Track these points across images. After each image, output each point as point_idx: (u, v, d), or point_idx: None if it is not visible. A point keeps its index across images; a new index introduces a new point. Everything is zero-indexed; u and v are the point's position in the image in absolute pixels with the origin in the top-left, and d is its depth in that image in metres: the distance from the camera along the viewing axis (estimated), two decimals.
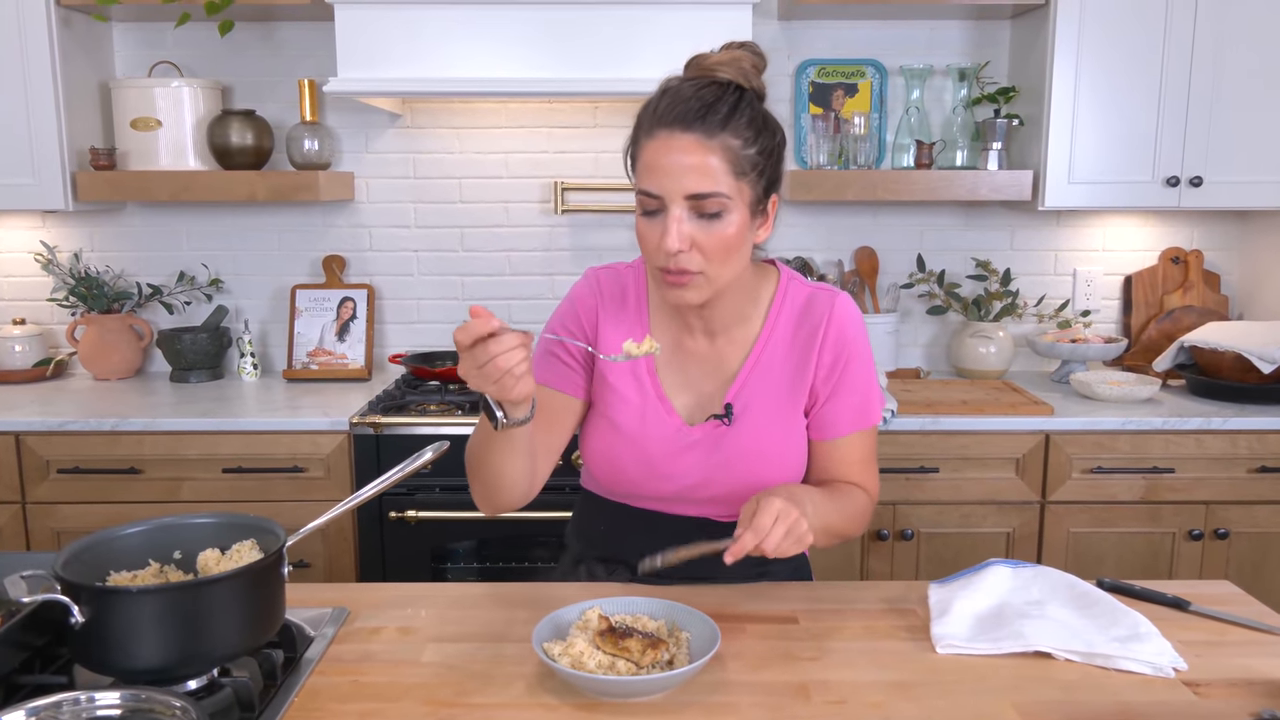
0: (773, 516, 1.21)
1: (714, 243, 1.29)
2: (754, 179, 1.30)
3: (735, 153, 1.27)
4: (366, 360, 2.95)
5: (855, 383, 1.45)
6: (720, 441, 1.44)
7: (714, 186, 1.27)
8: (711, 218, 1.28)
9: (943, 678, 1.21)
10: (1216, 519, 2.53)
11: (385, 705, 1.15)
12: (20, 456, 2.49)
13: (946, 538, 2.54)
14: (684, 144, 1.26)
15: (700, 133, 1.26)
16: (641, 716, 1.12)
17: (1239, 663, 1.24)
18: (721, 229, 1.29)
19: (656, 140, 1.28)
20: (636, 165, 1.32)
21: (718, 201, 1.27)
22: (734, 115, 1.27)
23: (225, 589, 1.13)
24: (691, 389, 1.47)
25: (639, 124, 1.32)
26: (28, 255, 3.00)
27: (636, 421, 1.45)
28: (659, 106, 1.29)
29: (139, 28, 2.94)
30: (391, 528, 2.50)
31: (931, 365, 3.11)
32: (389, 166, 3.00)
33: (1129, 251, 3.05)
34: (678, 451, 1.45)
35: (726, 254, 1.31)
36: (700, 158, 1.26)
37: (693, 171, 1.26)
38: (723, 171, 1.27)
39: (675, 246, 1.28)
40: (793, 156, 3.00)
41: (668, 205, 1.28)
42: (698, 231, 1.29)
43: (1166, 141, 2.66)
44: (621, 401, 1.46)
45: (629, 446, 1.46)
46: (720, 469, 1.44)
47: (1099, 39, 2.62)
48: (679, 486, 1.46)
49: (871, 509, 1.50)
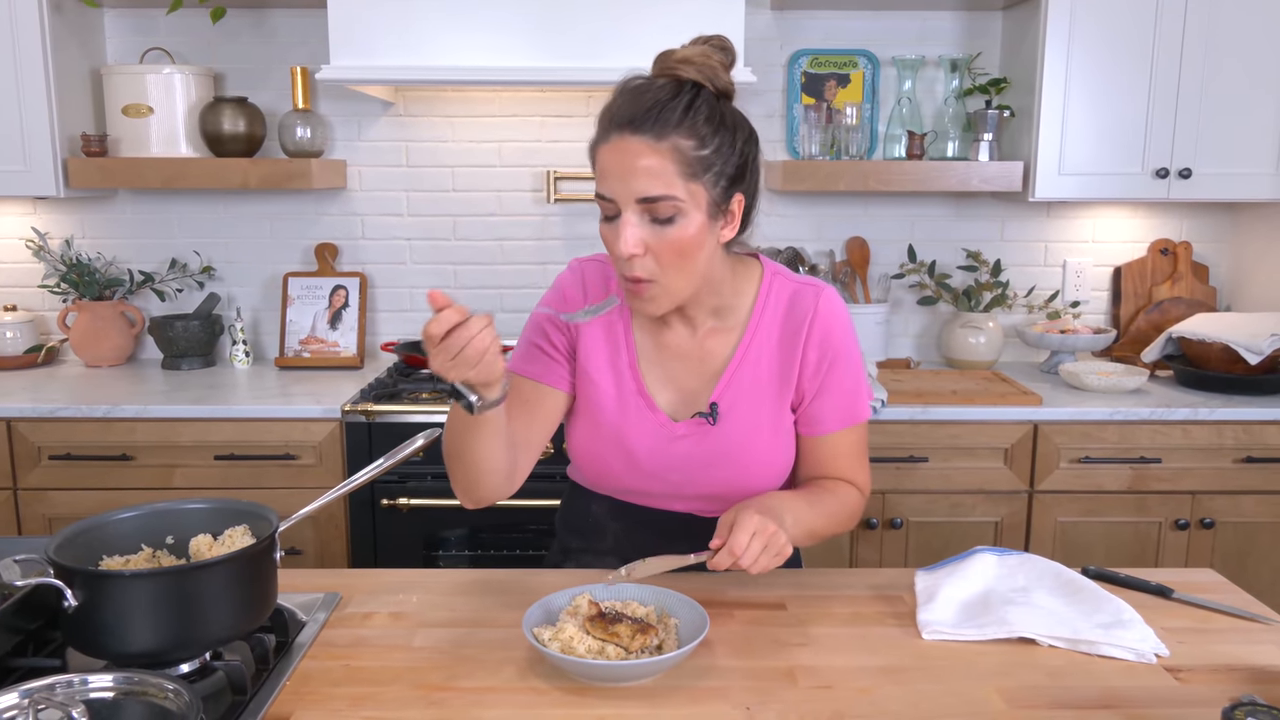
0: (749, 533, 1.20)
1: (667, 248, 1.26)
2: (710, 180, 1.27)
3: (686, 154, 1.24)
4: (359, 348, 2.95)
5: (842, 379, 1.44)
6: (705, 440, 1.43)
7: (664, 189, 1.24)
8: (665, 222, 1.25)
9: (929, 663, 1.22)
10: (1202, 509, 2.55)
11: (377, 689, 1.16)
12: (12, 443, 2.49)
13: (936, 527, 2.55)
14: (634, 147, 1.23)
15: (650, 135, 1.23)
16: (630, 701, 1.13)
17: (1220, 649, 1.26)
18: (675, 233, 1.26)
19: (610, 143, 1.26)
20: (595, 168, 1.30)
21: (670, 205, 1.24)
22: (687, 115, 1.24)
23: (217, 574, 1.13)
24: (675, 385, 1.46)
25: (598, 126, 1.29)
26: (19, 242, 2.99)
27: (619, 417, 1.44)
28: (614, 108, 1.27)
29: (131, 14, 2.93)
30: (383, 515, 2.51)
31: (922, 355, 3.12)
32: (381, 155, 3.00)
33: (1118, 243, 3.07)
34: (662, 448, 1.44)
35: (681, 259, 1.28)
36: (649, 160, 1.23)
37: (642, 174, 1.23)
38: (673, 174, 1.24)
39: (627, 250, 1.25)
40: (785, 147, 3.00)
41: (621, 209, 1.26)
42: (651, 237, 1.26)
43: (1156, 133, 2.68)
44: (603, 396, 1.45)
45: (612, 443, 1.45)
46: (706, 467, 1.44)
47: (1090, 31, 2.63)
48: (665, 483, 1.46)
49: (862, 504, 1.50)
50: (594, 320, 1.46)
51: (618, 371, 1.45)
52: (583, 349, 1.47)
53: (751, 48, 2.92)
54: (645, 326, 1.46)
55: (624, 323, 1.47)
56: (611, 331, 1.46)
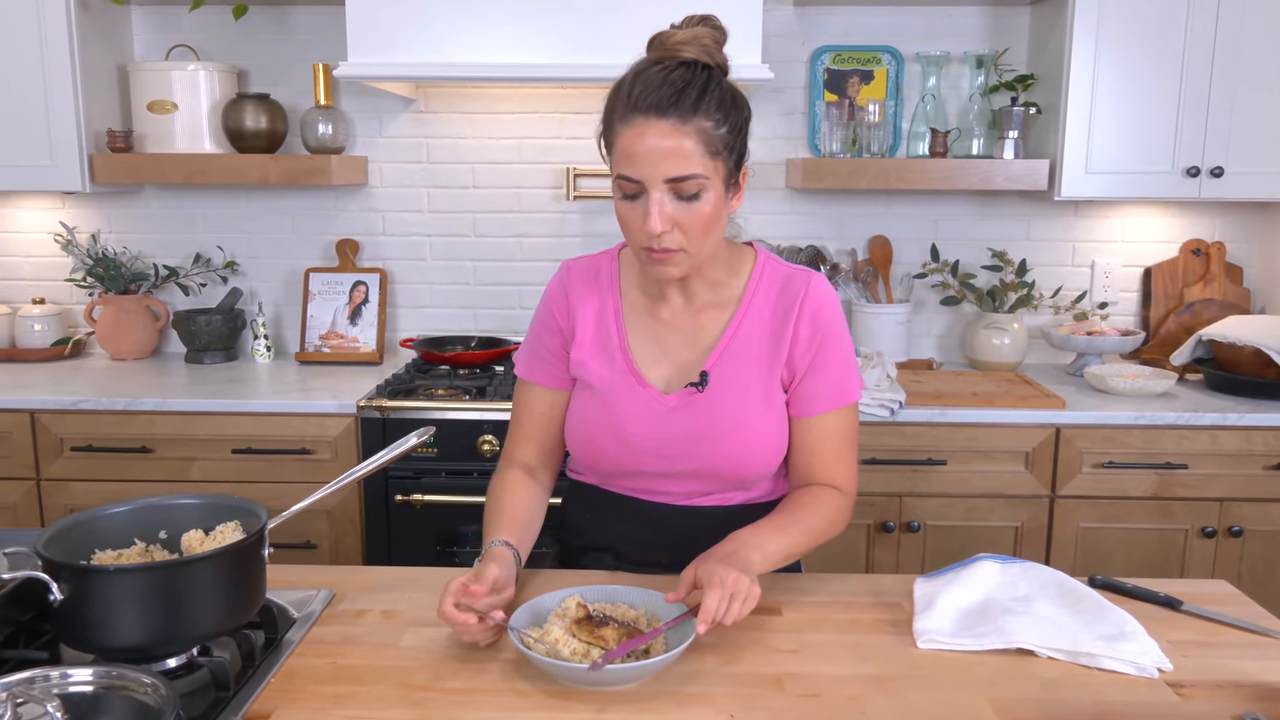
0: (718, 596, 1.18)
1: (694, 220, 1.33)
2: (726, 156, 1.34)
3: (709, 134, 1.30)
4: (378, 344, 2.96)
5: (832, 358, 1.46)
6: (696, 410, 1.44)
7: (692, 169, 1.30)
8: (691, 198, 1.32)
9: (921, 672, 1.20)
10: (1230, 516, 2.49)
11: (361, 688, 1.16)
12: (35, 434, 2.53)
13: (953, 530, 2.51)
14: (661, 129, 1.28)
15: (675, 118, 1.28)
16: (613, 705, 1.12)
17: (1227, 664, 1.22)
18: (700, 208, 1.32)
19: (633, 127, 1.30)
20: (613, 151, 1.34)
21: (696, 183, 1.31)
22: (704, 97, 1.30)
23: (203, 569, 1.14)
24: (669, 360, 1.48)
25: (611, 109, 1.34)
26: (47, 236, 3.04)
27: (610, 398, 1.47)
28: (632, 93, 1.31)
29: (157, 11, 2.96)
30: (397, 511, 2.51)
31: (945, 356, 3.08)
32: (402, 151, 3.00)
33: (1149, 243, 3.00)
34: (654, 422, 1.45)
35: (706, 230, 1.35)
36: (677, 142, 1.29)
37: (671, 156, 1.29)
38: (698, 153, 1.30)
39: (659, 228, 1.31)
40: (806, 144, 2.97)
41: (648, 189, 1.31)
42: (678, 212, 1.32)
43: (1187, 131, 2.61)
44: (594, 379, 1.49)
45: (604, 424, 1.47)
46: (698, 439, 1.44)
47: (1119, 25, 2.57)
48: (657, 459, 1.46)
49: (846, 507, 1.48)
50: (587, 303, 1.52)
51: (609, 355, 1.49)
52: (575, 341, 1.51)
53: (773, 44, 2.89)
54: (638, 306, 1.51)
55: (614, 310, 1.51)
56: (603, 318, 1.51)
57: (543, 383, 1.55)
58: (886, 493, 2.50)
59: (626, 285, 1.52)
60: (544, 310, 1.56)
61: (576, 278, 1.54)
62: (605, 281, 1.52)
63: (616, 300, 1.51)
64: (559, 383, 1.54)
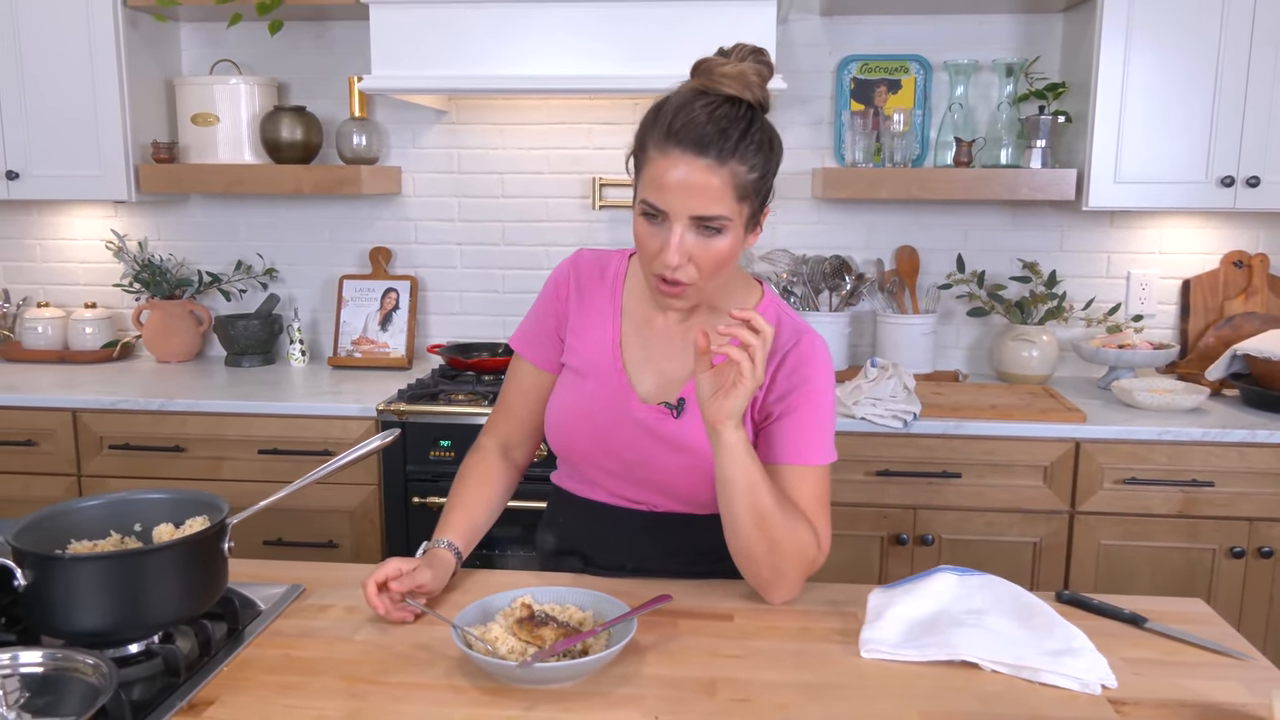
0: None
1: (710, 257, 1.32)
2: (753, 199, 1.34)
3: (741, 178, 1.30)
4: (407, 350, 3.03)
5: (804, 414, 1.40)
6: (664, 428, 1.45)
7: (718, 210, 1.29)
8: (710, 235, 1.31)
9: (859, 682, 1.19)
10: (1260, 537, 2.40)
11: (306, 679, 1.20)
12: (77, 432, 2.65)
13: (970, 545, 2.48)
14: (695, 167, 1.28)
15: (712, 158, 1.28)
16: (543, 704, 1.14)
17: (1177, 683, 1.19)
18: (718, 244, 1.32)
19: (668, 158, 1.29)
20: (642, 173, 1.34)
21: (720, 222, 1.30)
22: (743, 141, 1.29)
23: (160, 559, 1.19)
24: (655, 368, 1.49)
25: (647, 131, 1.33)
26: (100, 243, 3.18)
27: (589, 382, 1.49)
28: (673, 124, 1.29)
29: (203, 27, 3.08)
30: (416, 512, 2.57)
31: (973, 369, 3.03)
32: (434, 161, 3.07)
33: (1188, 254, 2.92)
34: (623, 423, 1.46)
35: (719, 267, 1.35)
36: (708, 181, 1.28)
37: (700, 194, 1.28)
38: (728, 196, 1.29)
39: (675, 262, 1.31)
40: (833, 154, 2.96)
41: (671, 221, 1.31)
42: (695, 247, 1.32)
43: (1221, 139, 2.54)
44: (579, 362, 1.51)
45: (578, 407, 1.49)
46: (663, 454, 1.45)
47: (1150, 29, 2.51)
48: (621, 462, 1.48)
49: (815, 553, 1.37)
50: (588, 302, 1.54)
51: (600, 344, 1.51)
52: (570, 327, 1.54)
53: (799, 54, 2.89)
54: (636, 309, 1.52)
55: (614, 308, 1.52)
56: (601, 313, 1.52)
57: (534, 361, 1.57)
58: (900, 505, 2.47)
59: (630, 286, 1.53)
60: (548, 292, 1.58)
61: (584, 267, 1.56)
62: (611, 278, 1.54)
63: (618, 298, 1.53)
64: (548, 364, 1.56)
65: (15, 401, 2.66)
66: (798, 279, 2.90)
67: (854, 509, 2.47)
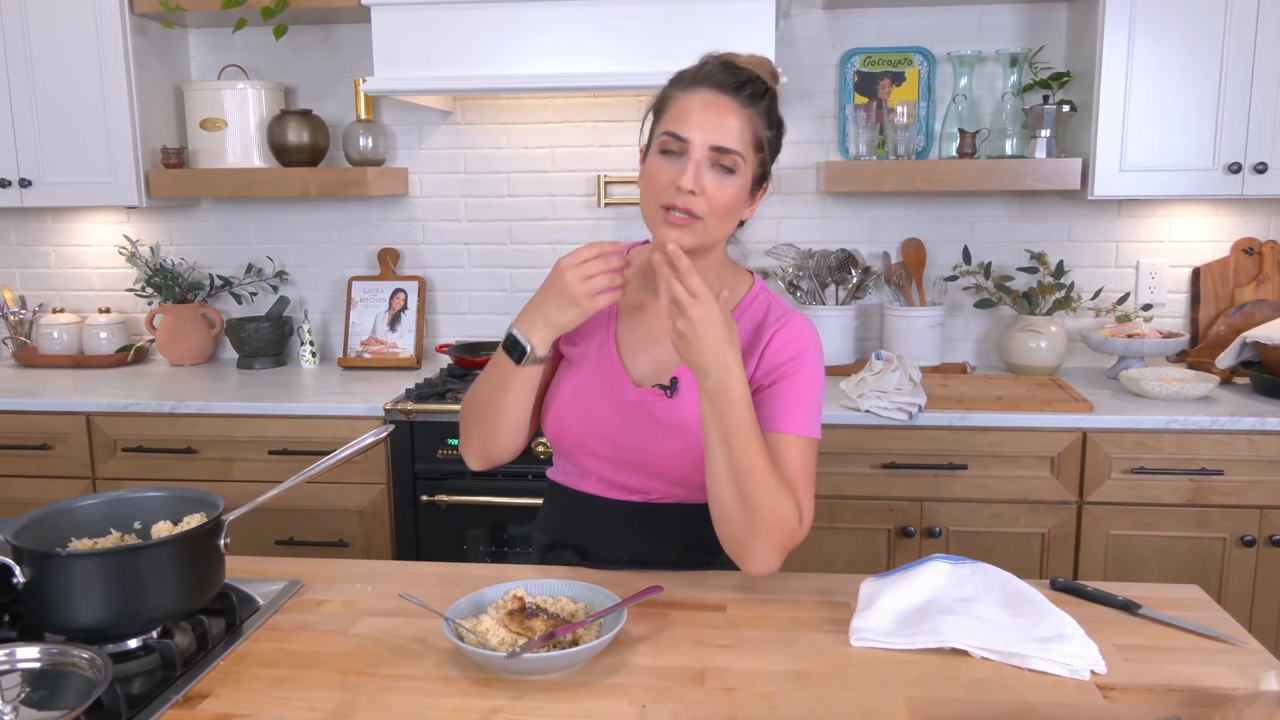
0: None
1: (720, 195, 1.38)
2: (759, 158, 1.42)
3: (759, 131, 1.40)
4: (416, 349, 3.05)
5: (792, 385, 1.43)
6: (659, 409, 1.47)
7: (736, 145, 1.38)
8: (725, 172, 1.38)
9: (847, 670, 1.20)
10: (1271, 525, 2.38)
11: (300, 672, 1.21)
12: (90, 435, 2.69)
13: (977, 536, 2.47)
14: (722, 103, 1.38)
15: (738, 100, 1.38)
16: (531, 694, 1.15)
17: (1167, 668, 1.19)
18: (729, 184, 1.39)
19: (697, 94, 1.39)
20: (665, 114, 1.41)
21: (734, 159, 1.38)
22: (763, 99, 1.41)
23: (154, 556, 1.21)
24: (650, 352, 1.51)
25: (669, 88, 1.43)
26: (113, 248, 3.22)
27: (585, 367, 1.51)
28: (699, 72, 1.41)
29: (210, 33, 3.12)
30: (425, 510, 2.59)
31: (982, 361, 3.02)
32: (440, 162, 3.09)
33: (1198, 242, 2.90)
34: (617, 407, 1.48)
35: (726, 210, 1.40)
36: (732, 118, 1.38)
37: (723, 127, 1.37)
38: (745, 138, 1.39)
39: (690, 185, 1.36)
40: (837, 148, 2.96)
41: (691, 150, 1.37)
42: (710, 181, 1.38)
43: (1228, 125, 2.52)
44: (575, 351, 1.54)
45: (575, 393, 1.51)
46: (656, 435, 1.47)
47: (1154, 17, 2.50)
48: (615, 445, 1.49)
49: (794, 522, 1.35)
50: None
51: (594, 330, 1.53)
52: None
53: (802, 48, 2.89)
54: (634, 297, 1.54)
55: None
56: None
57: None
58: (907, 497, 2.47)
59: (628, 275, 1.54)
60: None
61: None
62: None
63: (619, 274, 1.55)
64: None
65: (31, 406, 2.70)
66: (804, 273, 2.90)
67: (860, 502, 2.47)
